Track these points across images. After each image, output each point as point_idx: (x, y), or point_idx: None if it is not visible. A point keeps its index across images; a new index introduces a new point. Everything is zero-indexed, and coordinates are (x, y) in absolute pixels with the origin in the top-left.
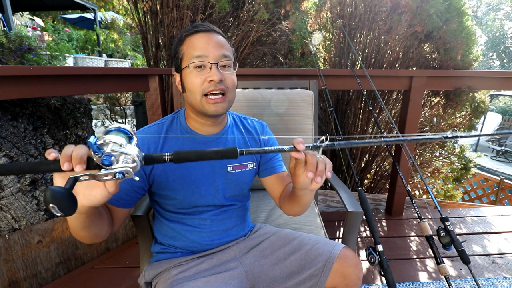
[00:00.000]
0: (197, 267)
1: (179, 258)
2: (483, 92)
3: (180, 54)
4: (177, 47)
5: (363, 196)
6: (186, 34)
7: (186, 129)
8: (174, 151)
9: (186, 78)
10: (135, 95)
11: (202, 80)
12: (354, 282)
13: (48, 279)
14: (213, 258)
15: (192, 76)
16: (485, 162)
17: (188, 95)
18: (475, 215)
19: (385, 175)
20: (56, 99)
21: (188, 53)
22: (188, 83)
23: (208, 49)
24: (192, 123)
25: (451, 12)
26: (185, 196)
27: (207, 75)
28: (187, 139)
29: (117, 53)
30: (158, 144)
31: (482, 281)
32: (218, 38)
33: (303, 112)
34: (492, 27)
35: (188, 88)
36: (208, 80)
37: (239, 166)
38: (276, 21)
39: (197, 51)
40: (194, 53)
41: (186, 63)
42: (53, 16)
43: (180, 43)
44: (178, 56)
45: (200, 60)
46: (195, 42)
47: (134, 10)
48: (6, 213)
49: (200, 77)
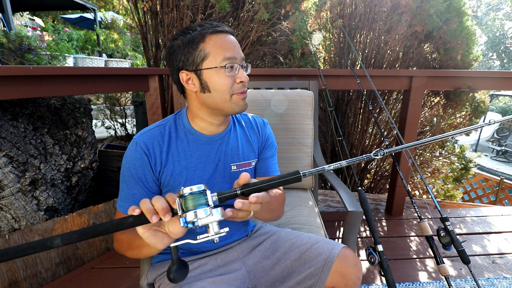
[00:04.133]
0: (201, 267)
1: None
2: (483, 92)
3: (203, 53)
4: (196, 44)
5: (363, 196)
6: (207, 32)
7: (190, 130)
8: (243, 185)
9: (211, 77)
10: (135, 95)
11: (233, 80)
12: (353, 281)
13: (48, 279)
14: (217, 258)
15: (222, 76)
16: (485, 162)
17: (214, 95)
18: (475, 215)
19: (385, 175)
20: (56, 99)
21: (217, 52)
22: (216, 84)
23: (236, 50)
24: (198, 123)
25: (451, 12)
26: None
27: (235, 75)
28: (190, 140)
29: (117, 53)
30: (162, 146)
31: (482, 281)
32: (236, 40)
33: (303, 112)
34: (492, 27)
35: (215, 89)
36: (238, 82)
37: (244, 164)
38: (276, 21)
39: (228, 52)
40: (225, 54)
41: (215, 63)
42: (53, 16)
43: (201, 40)
44: (198, 54)
45: (232, 61)
46: (222, 42)
47: (134, 10)
48: (6, 213)
49: (231, 77)
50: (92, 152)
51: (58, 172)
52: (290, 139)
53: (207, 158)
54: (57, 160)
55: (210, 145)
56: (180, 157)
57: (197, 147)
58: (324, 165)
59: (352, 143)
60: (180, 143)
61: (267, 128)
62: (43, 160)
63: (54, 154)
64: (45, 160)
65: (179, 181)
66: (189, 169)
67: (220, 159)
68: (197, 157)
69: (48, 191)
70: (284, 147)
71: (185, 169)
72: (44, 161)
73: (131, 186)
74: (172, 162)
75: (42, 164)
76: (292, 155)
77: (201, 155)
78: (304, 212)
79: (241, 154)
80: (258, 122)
